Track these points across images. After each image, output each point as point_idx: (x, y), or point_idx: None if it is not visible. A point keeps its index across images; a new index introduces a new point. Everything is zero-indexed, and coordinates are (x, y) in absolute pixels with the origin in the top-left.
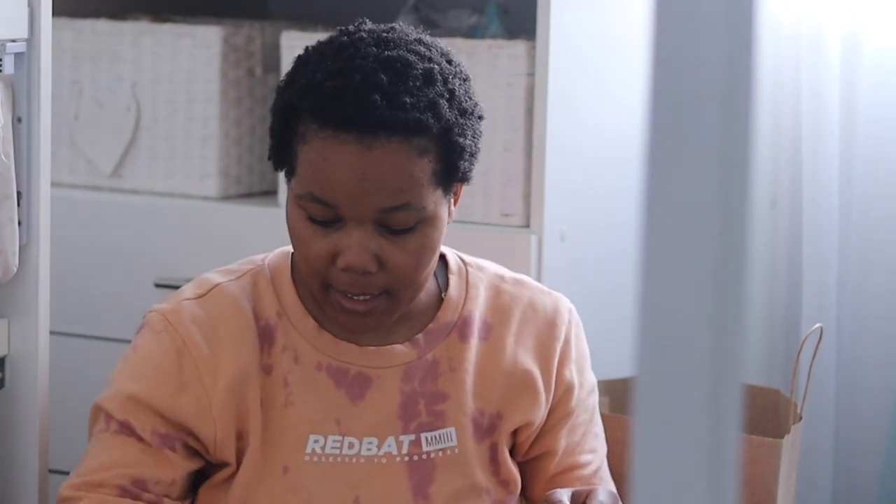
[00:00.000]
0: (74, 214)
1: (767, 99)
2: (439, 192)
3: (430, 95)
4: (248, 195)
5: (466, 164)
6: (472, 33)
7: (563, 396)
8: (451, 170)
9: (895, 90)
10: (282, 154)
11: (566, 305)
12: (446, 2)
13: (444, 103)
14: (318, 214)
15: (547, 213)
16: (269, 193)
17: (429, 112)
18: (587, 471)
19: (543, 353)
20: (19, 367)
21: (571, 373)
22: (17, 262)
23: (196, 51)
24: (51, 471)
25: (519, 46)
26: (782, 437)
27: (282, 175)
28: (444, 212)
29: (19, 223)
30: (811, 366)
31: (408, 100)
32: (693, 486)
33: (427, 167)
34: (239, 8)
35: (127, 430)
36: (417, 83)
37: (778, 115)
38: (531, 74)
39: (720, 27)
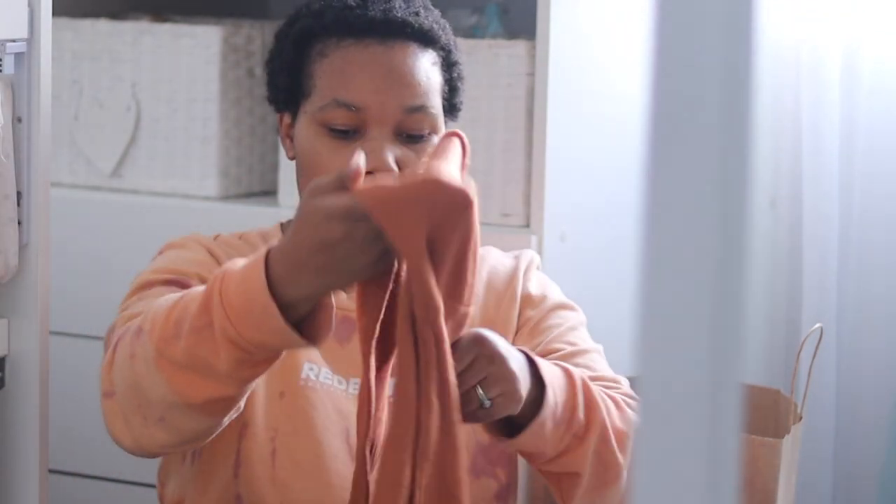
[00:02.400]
0: (74, 214)
1: (767, 98)
2: (443, 114)
3: (435, 15)
4: (248, 195)
5: (461, 91)
6: (472, 33)
7: (522, 308)
8: (453, 89)
9: (895, 89)
10: (293, 83)
11: (528, 253)
12: (446, 2)
13: (444, 25)
14: (340, 122)
15: (547, 213)
16: (269, 193)
17: (436, 25)
18: (557, 354)
19: (509, 291)
20: (19, 367)
21: (528, 289)
22: (17, 262)
23: (196, 51)
24: (51, 471)
25: (519, 46)
26: (782, 437)
27: (281, 174)
28: None
29: (19, 223)
30: (811, 366)
31: (421, 11)
32: (693, 486)
33: (438, 77)
34: (239, 8)
35: (175, 284)
36: (424, 4)
37: (778, 114)
38: (531, 74)
39: (720, 27)
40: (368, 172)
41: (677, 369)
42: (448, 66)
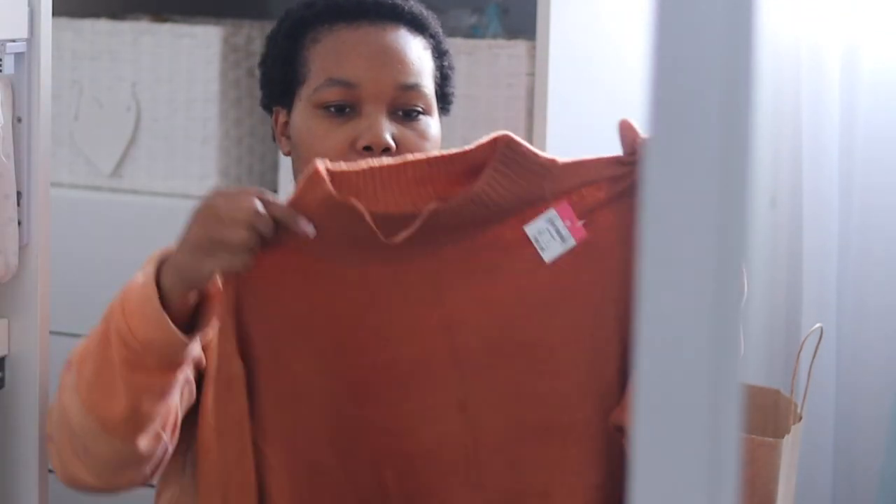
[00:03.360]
0: (74, 214)
1: (768, 98)
2: (436, 101)
3: (422, 6)
4: None
5: (452, 80)
6: (472, 33)
7: None
8: (445, 77)
9: (894, 88)
10: (287, 74)
11: None
12: (446, 2)
13: (432, 15)
14: (336, 99)
15: None
16: None
17: (425, 12)
18: None
19: None
20: (19, 367)
21: None
22: (17, 262)
23: (196, 51)
24: (51, 471)
25: (519, 46)
26: (782, 437)
27: (282, 174)
28: (438, 123)
29: (19, 223)
30: (811, 366)
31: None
32: (693, 486)
33: (429, 62)
34: (239, 8)
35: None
36: None
37: (778, 114)
38: (531, 74)
39: (720, 27)
40: (366, 148)
41: (677, 369)
42: (439, 54)
